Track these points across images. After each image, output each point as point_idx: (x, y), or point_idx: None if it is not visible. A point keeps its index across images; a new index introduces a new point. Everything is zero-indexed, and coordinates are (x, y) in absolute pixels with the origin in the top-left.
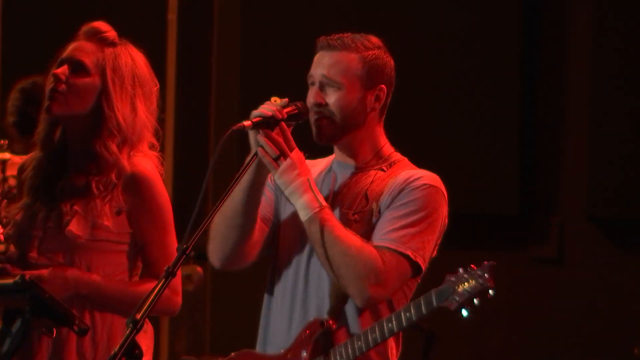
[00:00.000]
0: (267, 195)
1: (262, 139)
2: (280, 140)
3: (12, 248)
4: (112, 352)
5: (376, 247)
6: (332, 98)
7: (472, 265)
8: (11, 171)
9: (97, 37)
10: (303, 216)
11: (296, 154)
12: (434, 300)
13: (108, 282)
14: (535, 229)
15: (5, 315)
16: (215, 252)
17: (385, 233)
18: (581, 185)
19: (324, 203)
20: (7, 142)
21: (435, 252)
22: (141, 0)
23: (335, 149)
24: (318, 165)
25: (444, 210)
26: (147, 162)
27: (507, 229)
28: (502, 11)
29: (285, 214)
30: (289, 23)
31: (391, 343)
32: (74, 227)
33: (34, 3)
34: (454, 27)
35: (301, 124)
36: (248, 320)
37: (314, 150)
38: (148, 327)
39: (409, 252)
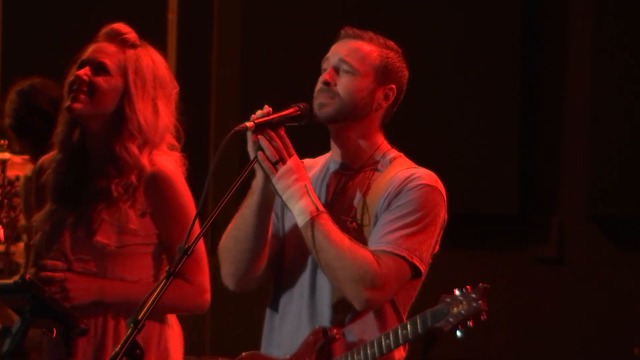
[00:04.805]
0: (275, 211)
1: (263, 142)
2: (280, 145)
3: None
4: (113, 352)
5: (372, 251)
6: (343, 81)
7: (467, 287)
8: (11, 171)
9: (118, 39)
10: (300, 221)
11: (295, 159)
12: (429, 321)
13: (135, 287)
14: (535, 229)
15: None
16: (230, 276)
17: (381, 236)
18: (581, 185)
19: (321, 208)
20: (7, 142)
21: (437, 248)
22: (141, 0)
23: (332, 145)
24: (316, 166)
25: (441, 209)
26: (168, 161)
27: (507, 229)
28: (502, 11)
29: (289, 223)
30: (289, 23)
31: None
32: (101, 235)
33: (34, 4)
34: (453, 27)
35: (300, 126)
36: (248, 320)
37: (310, 153)
38: (176, 329)
39: (404, 254)
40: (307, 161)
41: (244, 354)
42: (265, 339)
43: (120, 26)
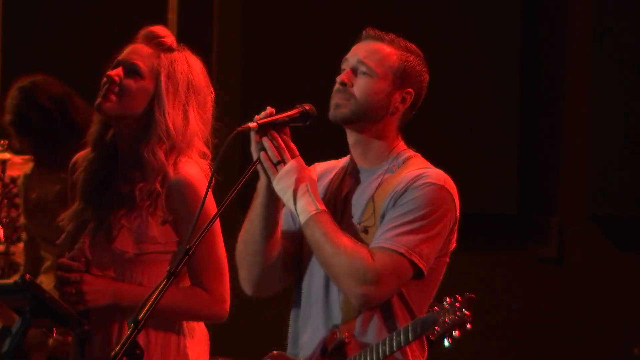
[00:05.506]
0: (292, 213)
1: (266, 143)
2: (283, 145)
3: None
4: (113, 352)
5: (370, 248)
6: (360, 82)
7: (457, 296)
8: (11, 171)
9: (155, 42)
10: (299, 221)
11: (297, 160)
12: (418, 329)
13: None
14: (535, 229)
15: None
16: (245, 280)
17: (382, 234)
18: (581, 185)
19: (321, 207)
20: (7, 142)
21: (453, 246)
22: (141, 0)
23: (350, 147)
24: (337, 167)
25: (449, 208)
26: (193, 168)
27: (507, 229)
28: (502, 11)
29: None
30: (290, 23)
31: (413, 346)
32: (120, 242)
33: (34, 4)
34: (453, 27)
35: (305, 127)
36: (248, 320)
37: (316, 154)
38: (198, 333)
39: (402, 250)
40: (329, 163)
41: (275, 352)
42: (291, 340)
43: (158, 29)
